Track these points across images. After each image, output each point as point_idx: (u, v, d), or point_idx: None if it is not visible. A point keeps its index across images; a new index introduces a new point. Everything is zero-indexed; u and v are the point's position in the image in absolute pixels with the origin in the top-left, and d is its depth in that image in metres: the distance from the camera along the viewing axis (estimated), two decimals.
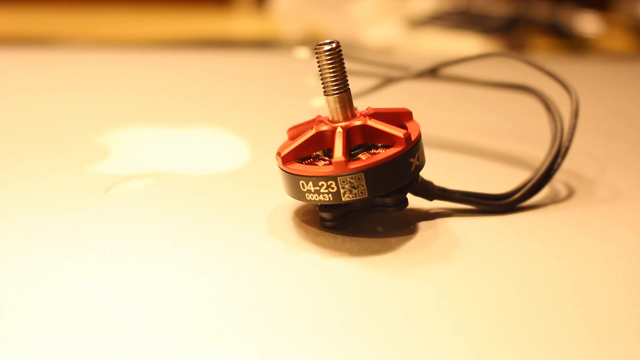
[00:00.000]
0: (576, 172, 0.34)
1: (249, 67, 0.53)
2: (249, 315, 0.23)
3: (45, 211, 0.29)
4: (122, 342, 0.21)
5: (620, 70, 0.56)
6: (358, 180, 0.25)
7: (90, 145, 0.36)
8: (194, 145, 0.36)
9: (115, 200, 0.29)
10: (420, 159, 0.27)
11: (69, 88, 0.37)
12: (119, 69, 0.50)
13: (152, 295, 0.24)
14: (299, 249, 0.26)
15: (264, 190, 0.31)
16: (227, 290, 0.24)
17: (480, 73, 0.38)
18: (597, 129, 0.40)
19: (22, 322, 0.22)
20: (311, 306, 0.23)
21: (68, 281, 0.24)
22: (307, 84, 0.37)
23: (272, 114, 0.42)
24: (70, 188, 0.31)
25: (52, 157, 0.34)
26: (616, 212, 0.30)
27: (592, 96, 0.45)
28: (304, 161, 0.27)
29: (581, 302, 0.24)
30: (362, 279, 0.25)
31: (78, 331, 0.22)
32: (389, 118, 0.27)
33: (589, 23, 0.75)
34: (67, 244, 0.26)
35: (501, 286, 0.25)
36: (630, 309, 0.24)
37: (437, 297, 0.24)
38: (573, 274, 0.25)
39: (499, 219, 0.29)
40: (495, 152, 0.37)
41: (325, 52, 0.27)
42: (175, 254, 0.26)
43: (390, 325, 0.23)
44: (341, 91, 0.27)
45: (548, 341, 0.22)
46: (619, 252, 0.27)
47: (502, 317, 0.23)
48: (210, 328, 0.22)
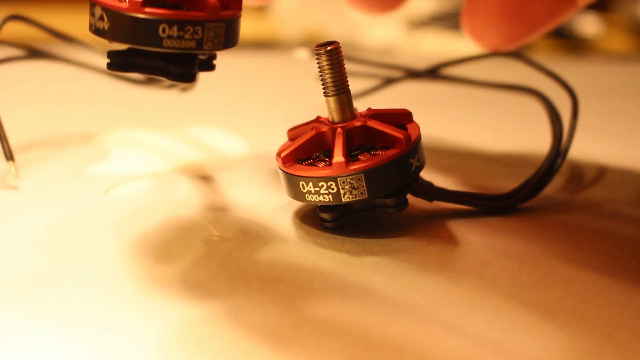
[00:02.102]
0: (576, 173, 0.34)
1: (248, 68, 0.53)
2: (249, 315, 0.23)
3: (45, 211, 0.29)
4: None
5: (620, 71, 0.56)
6: (358, 181, 0.25)
7: (91, 145, 0.36)
8: (193, 146, 0.36)
9: (115, 200, 0.29)
10: (420, 159, 0.27)
11: (68, 88, 0.37)
12: None
13: (156, 296, 0.24)
14: (298, 249, 0.26)
15: (264, 191, 0.31)
16: (227, 290, 0.24)
17: (480, 74, 0.38)
18: (597, 129, 0.40)
19: (22, 321, 0.22)
20: (311, 306, 0.23)
21: (68, 281, 0.24)
22: (307, 85, 0.37)
23: (272, 115, 0.42)
24: (71, 188, 0.31)
25: (51, 157, 0.34)
26: (616, 212, 0.30)
27: (592, 96, 0.45)
28: (304, 162, 0.27)
29: (581, 302, 0.24)
30: (362, 280, 0.25)
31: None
32: (389, 119, 0.27)
33: (589, 24, 0.75)
34: (67, 244, 0.26)
35: (501, 287, 0.25)
36: (630, 310, 0.24)
37: (437, 297, 0.24)
38: (573, 275, 0.25)
39: (499, 219, 0.29)
40: (495, 153, 0.37)
41: (325, 53, 0.27)
42: (175, 254, 0.26)
43: (390, 325, 0.23)
44: (341, 92, 0.27)
45: (548, 342, 0.22)
46: (619, 253, 0.27)
47: (502, 318, 0.23)
48: (210, 327, 0.22)
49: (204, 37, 0.25)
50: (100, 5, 0.25)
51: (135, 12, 0.25)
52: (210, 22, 0.25)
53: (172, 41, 0.25)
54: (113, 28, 0.25)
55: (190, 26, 0.25)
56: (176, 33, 0.25)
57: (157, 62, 0.26)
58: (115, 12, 0.25)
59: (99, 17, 0.25)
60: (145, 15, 0.25)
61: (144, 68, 0.26)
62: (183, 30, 0.25)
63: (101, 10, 0.25)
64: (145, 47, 0.25)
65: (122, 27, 0.25)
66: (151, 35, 0.25)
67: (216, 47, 0.26)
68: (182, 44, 0.25)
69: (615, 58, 0.71)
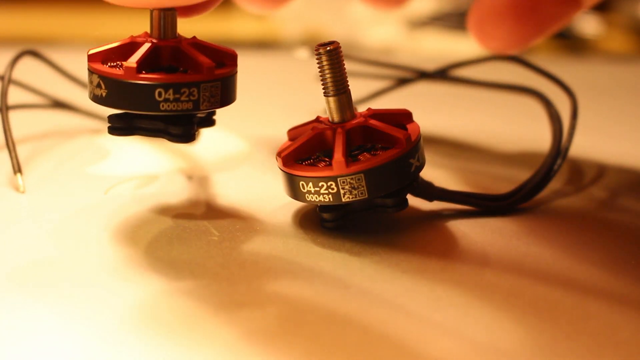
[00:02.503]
0: (576, 173, 0.34)
1: (249, 67, 0.53)
2: (249, 314, 0.23)
3: (45, 212, 0.29)
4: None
5: (620, 71, 0.56)
6: (358, 181, 0.25)
7: (90, 145, 0.36)
8: (193, 146, 0.36)
9: (115, 200, 0.29)
10: (420, 159, 0.27)
11: (68, 88, 0.37)
12: None
13: (152, 295, 0.24)
14: (298, 249, 0.26)
15: (264, 191, 0.31)
16: (227, 291, 0.24)
17: (480, 74, 0.38)
18: (597, 129, 0.40)
19: (22, 322, 0.22)
20: (311, 306, 0.23)
21: (68, 281, 0.24)
22: (307, 86, 0.37)
23: (272, 115, 0.42)
24: (70, 188, 0.31)
25: (51, 156, 0.34)
26: (616, 212, 0.30)
27: (592, 96, 0.45)
28: (304, 162, 0.27)
29: (581, 303, 0.24)
30: (362, 280, 0.25)
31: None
32: (389, 119, 0.27)
33: (588, 24, 0.75)
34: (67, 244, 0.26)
35: (501, 287, 0.25)
36: (630, 310, 0.24)
37: (437, 297, 0.24)
38: (573, 275, 0.25)
39: (499, 219, 0.29)
40: (495, 153, 0.37)
41: (325, 53, 0.27)
42: (174, 254, 0.26)
43: (390, 325, 0.23)
44: (341, 92, 0.27)
45: (548, 342, 0.22)
46: (619, 253, 0.27)
47: (502, 318, 0.23)
48: (209, 328, 0.22)
49: (200, 98, 0.25)
50: (97, 73, 0.26)
51: (131, 79, 0.25)
52: (206, 82, 0.26)
53: (169, 104, 0.25)
54: (110, 95, 0.26)
55: (186, 88, 0.25)
56: (172, 96, 0.25)
57: (156, 123, 0.26)
58: (111, 79, 0.25)
59: (96, 85, 0.26)
60: (140, 80, 0.25)
61: (144, 130, 0.27)
62: (179, 92, 0.25)
63: (98, 78, 0.26)
64: (142, 111, 0.26)
65: (119, 93, 0.25)
66: (148, 100, 0.25)
67: (213, 106, 0.26)
68: (179, 106, 0.25)
69: (615, 58, 0.71)
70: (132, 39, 0.26)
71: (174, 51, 0.26)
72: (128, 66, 0.25)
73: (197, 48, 0.27)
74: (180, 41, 0.26)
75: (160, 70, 0.26)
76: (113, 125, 0.27)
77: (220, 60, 0.27)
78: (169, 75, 0.25)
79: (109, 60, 0.26)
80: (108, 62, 0.26)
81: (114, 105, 0.26)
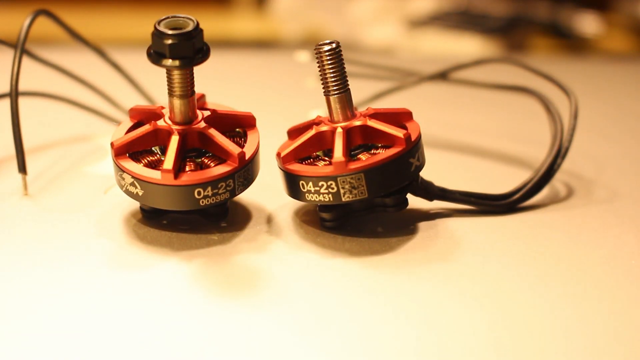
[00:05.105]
0: (576, 173, 0.34)
1: (249, 68, 0.53)
2: (249, 315, 0.23)
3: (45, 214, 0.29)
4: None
5: (620, 70, 0.56)
6: (358, 181, 0.25)
7: (91, 145, 0.36)
8: None
9: (115, 200, 0.29)
10: (420, 159, 0.27)
11: (68, 88, 0.37)
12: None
13: (155, 295, 0.24)
14: (299, 249, 0.26)
15: (264, 191, 0.31)
16: (227, 291, 0.24)
17: (480, 75, 0.38)
18: (597, 129, 0.40)
19: (21, 322, 0.22)
20: (311, 306, 0.23)
21: (68, 282, 0.24)
22: (307, 86, 0.37)
23: (272, 115, 0.42)
24: (71, 188, 0.31)
25: (52, 156, 0.34)
26: (616, 212, 0.30)
27: (592, 96, 0.45)
28: (304, 161, 0.27)
29: (581, 302, 0.24)
30: (362, 279, 0.25)
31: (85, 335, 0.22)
32: (389, 118, 0.27)
33: (589, 23, 0.75)
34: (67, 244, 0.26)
35: (501, 286, 0.25)
36: (630, 309, 0.24)
37: (437, 297, 0.24)
38: (573, 275, 0.25)
39: (499, 219, 0.29)
40: (495, 153, 0.37)
41: (326, 53, 0.27)
42: (175, 254, 0.26)
43: (390, 325, 0.23)
44: (341, 91, 0.27)
45: (548, 341, 0.22)
46: (618, 253, 0.27)
47: (502, 317, 0.23)
48: (211, 328, 0.22)
49: (235, 186, 0.26)
50: (130, 174, 0.26)
51: (169, 183, 0.25)
52: (239, 171, 0.26)
53: (208, 199, 0.26)
54: (148, 195, 0.26)
55: (223, 182, 0.26)
56: (211, 192, 0.26)
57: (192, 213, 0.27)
58: (148, 183, 0.26)
59: (130, 183, 0.26)
60: (179, 184, 0.25)
61: (178, 213, 0.27)
62: (217, 187, 0.26)
63: (132, 178, 0.26)
64: (183, 209, 0.26)
65: (158, 194, 0.26)
66: (188, 199, 0.26)
67: (244, 188, 0.27)
68: (217, 198, 0.26)
69: (615, 58, 0.71)
70: (154, 127, 0.26)
71: (200, 136, 0.26)
72: (165, 171, 0.25)
73: (218, 125, 0.27)
74: (204, 123, 0.26)
75: (188, 157, 0.26)
76: (147, 214, 0.27)
77: (239, 125, 0.28)
78: (204, 173, 0.26)
79: (132, 149, 0.26)
80: (132, 151, 0.26)
81: (152, 204, 0.26)
